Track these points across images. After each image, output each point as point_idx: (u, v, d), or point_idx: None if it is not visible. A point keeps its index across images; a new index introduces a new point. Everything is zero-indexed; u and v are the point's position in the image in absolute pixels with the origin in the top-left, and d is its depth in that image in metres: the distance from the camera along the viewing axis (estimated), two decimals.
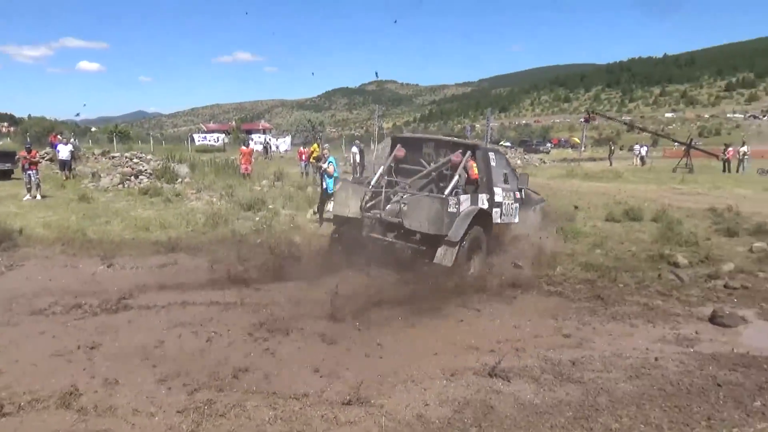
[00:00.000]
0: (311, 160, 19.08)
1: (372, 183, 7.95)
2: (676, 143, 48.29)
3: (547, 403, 3.91)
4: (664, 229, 10.20)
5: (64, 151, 17.99)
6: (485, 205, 7.68)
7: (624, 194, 15.91)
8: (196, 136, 57.38)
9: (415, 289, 6.38)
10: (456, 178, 7.51)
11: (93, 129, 76.43)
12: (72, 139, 26.75)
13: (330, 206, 8.26)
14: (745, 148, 30.92)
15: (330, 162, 11.37)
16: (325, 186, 11.24)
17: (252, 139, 53.44)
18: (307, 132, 69.56)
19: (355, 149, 20.12)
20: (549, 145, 70.75)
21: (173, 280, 6.92)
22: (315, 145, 17.53)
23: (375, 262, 7.16)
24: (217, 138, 55.05)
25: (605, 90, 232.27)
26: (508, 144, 62.21)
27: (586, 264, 8.03)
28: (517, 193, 8.80)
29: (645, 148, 38.59)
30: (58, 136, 24.04)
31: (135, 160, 19.44)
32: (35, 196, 13.74)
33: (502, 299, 6.46)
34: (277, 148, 52.09)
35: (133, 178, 16.73)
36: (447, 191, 7.29)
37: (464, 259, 7.07)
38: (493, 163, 8.10)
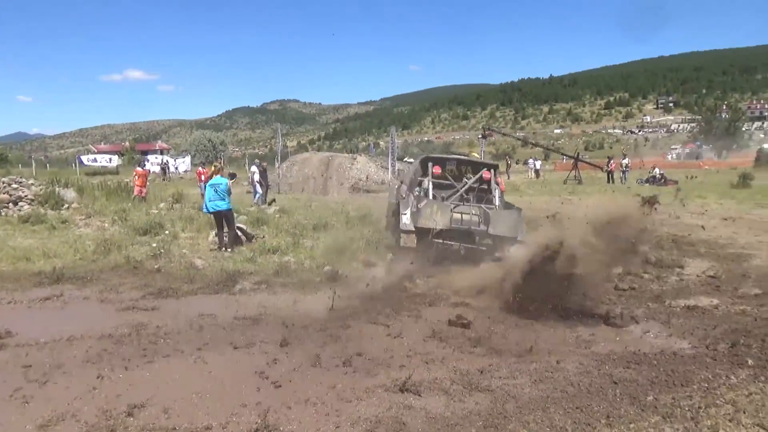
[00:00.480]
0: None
1: (448, 200, 9.60)
2: (564, 157, 51.70)
3: (458, 415, 3.92)
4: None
5: None
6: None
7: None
8: (84, 158, 53.86)
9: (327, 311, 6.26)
10: (497, 191, 9.71)
11: None
12: None
13: (406, 220, 8.94)
14: (625, 161, 33.67)
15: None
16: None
17: (148, 160, 51.05)
18: (208, 152, 67.39)
19: (254, 168, 20.26)
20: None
21: (58, 314, 6.34)
22: (214, 165, 17.02)
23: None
24: (110, 159, 51.97)
25: (500, 108, 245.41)
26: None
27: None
28: None
29: (538, 162, 41.03)
30: None
31: (14, 185, 17.76)
32: None
33: (410, 313, 6.49)
34: (176, 168, 50.06)
35: (11, 204, 15.28)
36: (497, 202, 9.59)
37: None
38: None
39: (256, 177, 20.06)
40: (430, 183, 10.00)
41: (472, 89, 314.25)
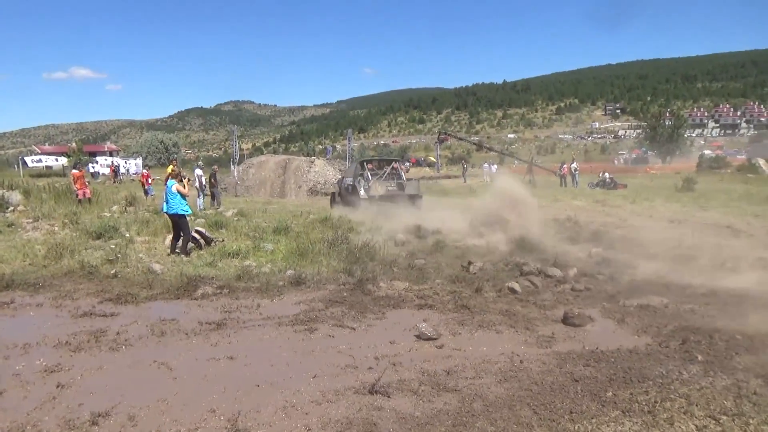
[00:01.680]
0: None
1: (379, 180, 17.75)
2: (517, 161, 52.84)
3: (427, 414, 3.99)
4: (518, 240, 11.04)
5: None
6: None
7: (477, 209, 16.95)
8: (28, 159, 51.75)
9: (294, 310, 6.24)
10: (402, 173, 18.67)
11: None
12: None
13: (363, 193, 17.01)
14: (575, 165, 34.69)
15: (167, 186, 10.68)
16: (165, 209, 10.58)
17: (97, 162, 49.50)
18: (160, 154, 65.78)
19: (199, 171, 20.52)
20: (408, 164, 73.79)
21: (10, 322, 6.10)
22: (170, 166, 16.70)
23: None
24: (56, 159, 50.11)
25: (455, 112, 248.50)
26: None
27: (451, 277, 8.41)
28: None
29: (494, 166, 41.79)
30: None
31: None
32: None
33: (375, 315, 6.54)
34: (128, 170, 48.73)
35: None
36: (404, 178, 18.22)
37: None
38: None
39: (203, 180, 20.23)
40: (369, 173, 18.05)
41: (428, 93, 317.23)
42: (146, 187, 23.24)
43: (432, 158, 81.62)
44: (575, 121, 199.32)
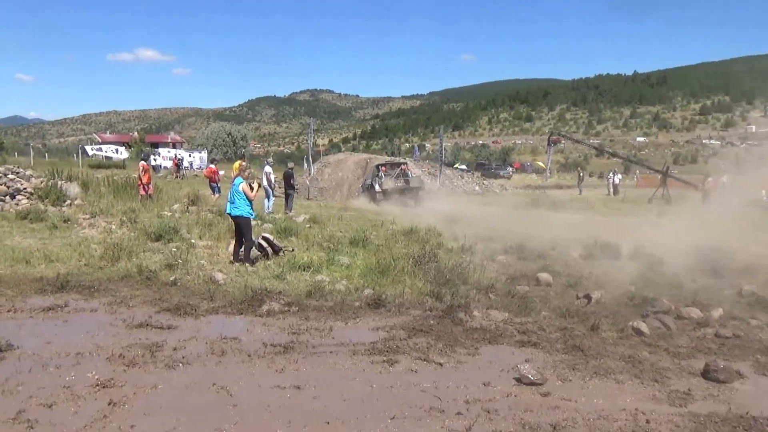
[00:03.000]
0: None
1: (392, 178, 28.38)
2: (647, 170, 50.68)
3: None
4: (645, 269, 10.59)
5: None
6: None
7: (598, 228, 16.47)
8: (88, 147, 55.76)
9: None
10: (409, 172, 30.26)
11: None
12: None
13: (378, 188, 27.33)
14: (725, 178, 32.78)
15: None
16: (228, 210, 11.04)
17: (159, 154, 52.32)
18: (227, 147, 68.76)
19: (268, 168, 21.10)
20: (510, 169, 73.07)
21: (63, 327, 6.58)
22: (236, 163, 17.44)
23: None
24: (117, 150, 53.66)
25: (571, 109, 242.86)
26: (463, 167, 63.42)
27: (561, 309, 8.20)
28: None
29: (618, 176, 40.33)
30: None
31: (10, 176, 18.54)
32: None
33: (467, 350, 6.48)
34: (191, 165, 51.29)
35: (8, 198, 15.94)
36: (410, 176, 29.79)
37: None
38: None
39: (272, 177, 20.93)
40: (382, 173, 28.21)
41: (539, 85, 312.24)
42: (212, 184, 23.98)
43: (540, 163, 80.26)
44: (725, 124, 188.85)
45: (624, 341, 7.08)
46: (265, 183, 19.98)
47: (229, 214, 10.96)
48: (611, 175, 40.34)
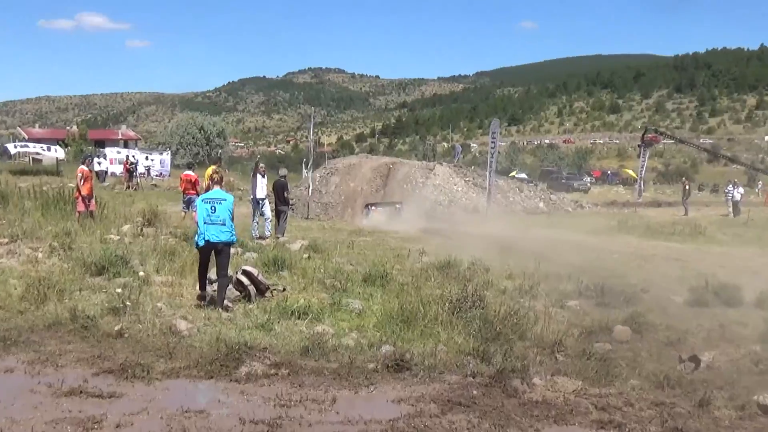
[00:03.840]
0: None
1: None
2: None
3: None
4: None
5: None
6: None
7: (711, 263, 16.29)
8: (11, 146, 56.49)
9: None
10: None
11: None
12: None
13: (369, 217, 33.08)
14: None
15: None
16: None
17: (105, 155, 52.71)
18: (198, 146, 69.28)
19: (262, 180, 20.94)
20: (588, 179, 72.64)
21: None
22: (209, 170, 17.56)
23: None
24: (48, 149, 54.20)
25: (673, 96, 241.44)
26: (523, 175, 63.35)
27: (657, 376, 8.08)
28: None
29: (740, 189, 39.55)
30: None
31: None
32: None
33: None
34: (148, 170, 51.64)
35: None
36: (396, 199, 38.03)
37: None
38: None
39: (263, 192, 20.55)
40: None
41: (627, 63, 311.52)
42: (188, 197, 23.30)
43: (630, 171, 79.46)
44: None
45: (746, 422, 6.97)
46: (260, 194, 19.88)
47: (210, 241, 10.70)
48: (730, 187, 39.73)
